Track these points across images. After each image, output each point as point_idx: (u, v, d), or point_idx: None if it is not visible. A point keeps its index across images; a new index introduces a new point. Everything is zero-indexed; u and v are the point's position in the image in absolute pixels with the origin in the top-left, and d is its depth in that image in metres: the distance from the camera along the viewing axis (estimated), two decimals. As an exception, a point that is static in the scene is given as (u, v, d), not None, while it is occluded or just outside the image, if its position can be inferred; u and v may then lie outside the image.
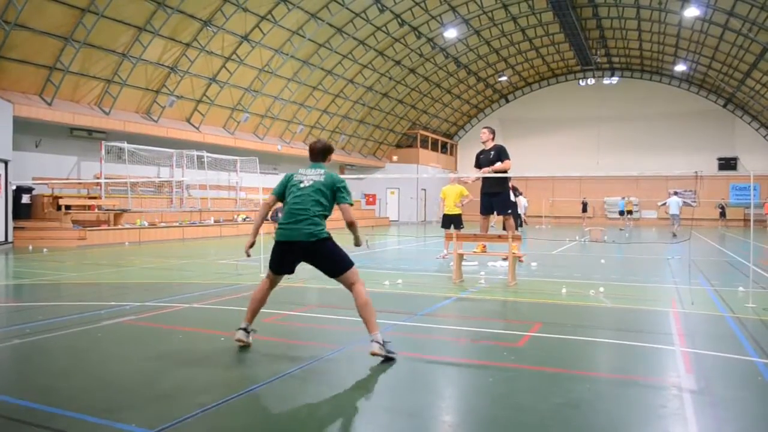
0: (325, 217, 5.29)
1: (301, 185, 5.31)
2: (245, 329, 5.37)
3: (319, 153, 5.55)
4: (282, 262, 5.33)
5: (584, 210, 37.58)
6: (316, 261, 5.28)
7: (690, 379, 4.73)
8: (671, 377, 4.84)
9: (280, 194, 5.46)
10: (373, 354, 4.96)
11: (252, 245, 5.48)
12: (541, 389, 4.44)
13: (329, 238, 5.23)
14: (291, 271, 5.41)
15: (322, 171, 5.39)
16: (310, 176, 5.35)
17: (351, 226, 5.35)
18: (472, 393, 4.50)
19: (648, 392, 4.41)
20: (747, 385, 4.57)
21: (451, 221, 13.91)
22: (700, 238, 23.06)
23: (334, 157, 5.83)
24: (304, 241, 5.15)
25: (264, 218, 5.60)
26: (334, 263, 5.25)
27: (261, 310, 5.56)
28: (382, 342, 4.98)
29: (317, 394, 4.43)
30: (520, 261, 12.91)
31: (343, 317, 5.85)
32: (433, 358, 5.37)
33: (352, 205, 5.38)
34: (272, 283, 5.44)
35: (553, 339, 6.05)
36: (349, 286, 5.20)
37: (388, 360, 5.00)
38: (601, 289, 9.04)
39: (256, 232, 5.54)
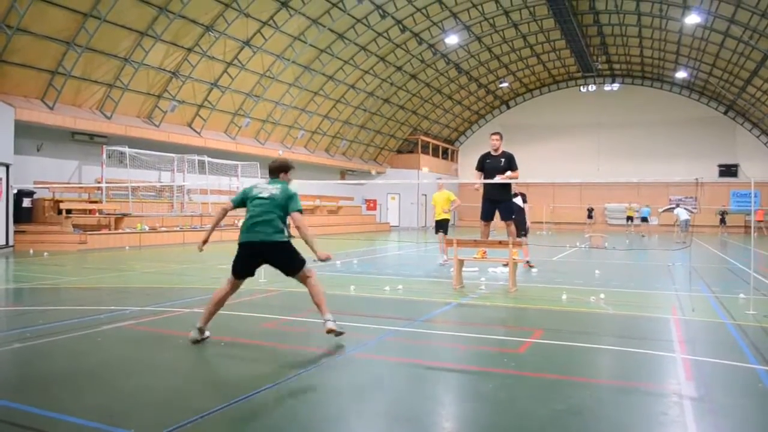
0: (283, 222, 5.86)
1: (260, 195, 5.87)
2: (200, 330, 5.82)
3: (275, 170, 6.09)
4: (244, 264, 5.87)
5: (589, 216, 37.50)
6: (275, 261, 5.88)
7: (690, 387, 4.73)
8: (672, 384, 4.83)
9: (238, 203, 6.02)
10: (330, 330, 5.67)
11: (204, 242, 6.09)
12: (542, 396, 4.44)
13: (287, 242, 5.82)
14: (252, 273, 5.98)
15: (279, 185, 5.96)
16: (269, 189, 5.93)
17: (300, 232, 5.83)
18: (473, 399, 4.49)
19: (649, 399, 4.41)
20: (747, 393, 4.57)
21: (440, 226, 14.08)
22: (701, 245, 23.04)
23: (335, 162, 6.23)
24: (266, 241, 5.73)
25: (219, 222, 6.23)
26: (290, 261, 5.85)
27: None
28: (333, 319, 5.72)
29: (317, 400, 4.43)
30: (531, 267, 12.91)
31: (342, 323, 5.85)
32: (434, 364, 5.37)
33: (301, 212, 5.86)
34: (233, 287, 5.94)
35: (553, 345, 6.04)
36: (303, 280, 5.87)
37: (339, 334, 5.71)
38: (602, 296, 9.04)
39: (211, 232, 6.10)
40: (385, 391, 4.62)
